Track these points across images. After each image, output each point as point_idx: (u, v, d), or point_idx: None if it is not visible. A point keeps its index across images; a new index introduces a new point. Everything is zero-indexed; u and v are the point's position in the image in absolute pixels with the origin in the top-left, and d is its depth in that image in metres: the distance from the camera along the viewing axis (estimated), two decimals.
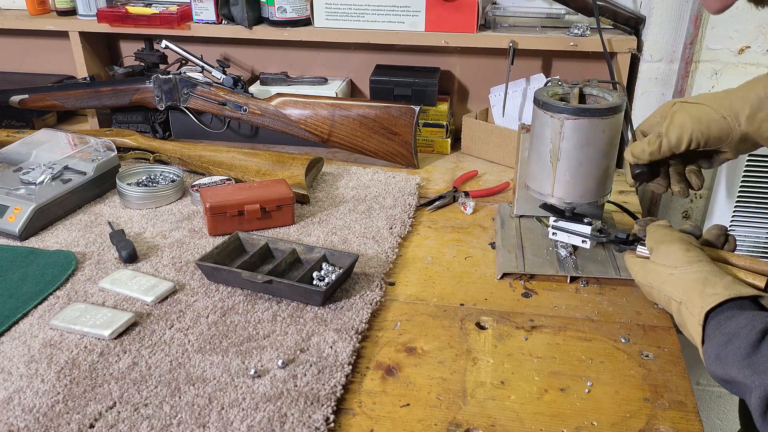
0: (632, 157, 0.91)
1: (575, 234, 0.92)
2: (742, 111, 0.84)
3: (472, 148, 1.39)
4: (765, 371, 0.60)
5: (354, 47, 1.45)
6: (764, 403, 0.59)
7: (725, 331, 0.66)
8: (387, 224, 1.07)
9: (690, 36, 1.21)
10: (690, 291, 0.73)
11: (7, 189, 1.06)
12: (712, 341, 0.67)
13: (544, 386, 0.74)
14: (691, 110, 0.87)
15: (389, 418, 0.69)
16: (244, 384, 0.72)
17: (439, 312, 0.87)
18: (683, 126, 0.86)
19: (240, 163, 1.23)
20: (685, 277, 0.75)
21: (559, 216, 0.95)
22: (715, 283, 0.71)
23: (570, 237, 0.93)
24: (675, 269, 0.76)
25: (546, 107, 0.89)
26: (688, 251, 0.77)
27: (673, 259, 0.77)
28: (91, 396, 0.71)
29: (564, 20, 1.36)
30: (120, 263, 0.96)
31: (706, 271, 0.74)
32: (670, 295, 0.76)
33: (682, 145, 0.87)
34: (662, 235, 0.82)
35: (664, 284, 0.77)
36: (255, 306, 0.86)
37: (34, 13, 1.50)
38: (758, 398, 0.60)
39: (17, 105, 1.37)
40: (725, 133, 0.85)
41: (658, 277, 0.78)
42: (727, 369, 0.64)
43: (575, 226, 0.92)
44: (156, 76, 1.33)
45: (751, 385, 0.61)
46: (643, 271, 0.82)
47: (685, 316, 0.73)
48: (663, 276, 0.78)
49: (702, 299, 0.70)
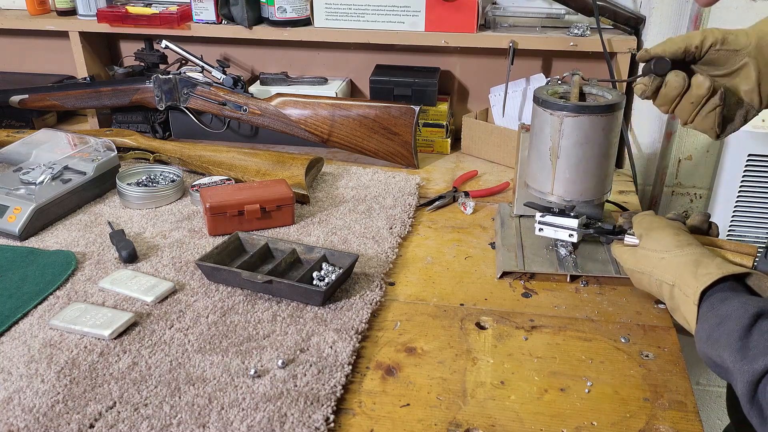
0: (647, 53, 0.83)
1: (562, 228, 0.92)
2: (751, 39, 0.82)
3: (472, 148, 1.39)
4: (754, 357, 0.60)
5: (354, 47, 1.45)
6: (752, 389, 0.60)
7: (718, 313, 0.67)
8: (387, 224, 1.07)
9: None
10: (683, 273, 0.74)
11: (7, 189, 1.06)
12: (704, 322, 0.69)
13: (544, 386, 0.74)
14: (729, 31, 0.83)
15: (389, 418, 0.69)
16: (244, 384, 0.72)
17: (439, 312, 0.87)
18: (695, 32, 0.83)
19: (240, 163, 1.23)
20: (677, 260, 0.76)
21: (545, 212, 0.94)
22: (708, 263, 0.73)
23: (557, 231, 0.93)
24: (666, 253, 0.78)
25: (546, 105, 0.89)
26: (677, 235, 0.79)
27: (664, 244, 0.79)
28: (91, 396, 0.71)
29: (564, 20, 1.36)
30: (120, 263, 0.96)
31: (697, 253, 0.76)
32: (662, 278, 0.77)
33: (696, 38, 0.81)
34: (650, 222, 0.83)
35: (656, 269, 0.78)
36: (255, 306, 0.86)
37: (34, 13, 1.50)
38: (746, 383, 0.60)
39: (17, 105, 1.37)
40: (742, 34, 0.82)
41: (650, 262, 0.79)
42: (718, 351, 0.65)
43: (561, 220, 0.92)
44: (156, 76, 1.33)
45: (739, 371, 0.61)
46: (633, 258, 0.83)
47: (678, 298, 0.74)
48: (654, 261, 0.79)
49: (696, 280, 0.72)
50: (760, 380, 0.60)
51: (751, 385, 0.60)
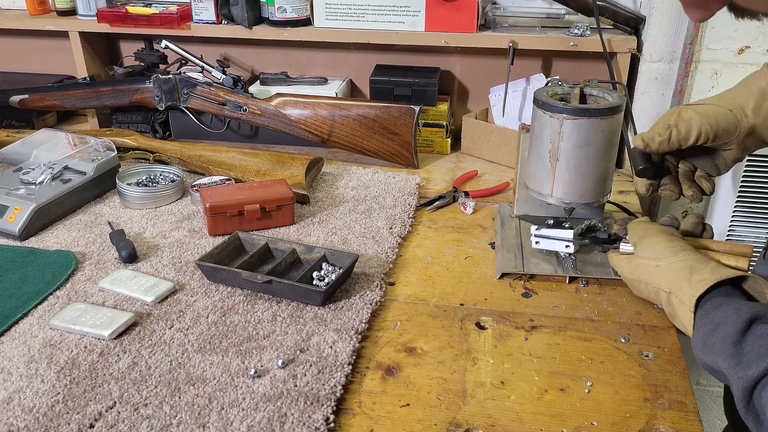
0: (642, 142, 0.88)
1: (558, 240, 0.93)
2: (747, 104, 0.85)
3: (472, 148, 1.39)
4: (748, 363, 0.61)
5: (354, 47, 1.45)
6: (747, 394, 0.60)
7: (712, 319, 0.67)
8: (387, 224, 1.07)
9: (690, 36, 1.21)
10: (678, 280, 0.75)
11: (7, 189, 1.06)
12: (699, 329, 0.69)
13: (544, 386, 0.74)
14: (697, 108, 0.87)
15: (389, 418, 0.69)
16: (244, 384, 0.72)
17: (439, 312, 0.87)
18: (691, 119, 0.86)
19: (240, 163, 1.23)
20: (672, 267, 0.77)
21: (539, 224, 0.95)
22: (702, 269, 0.73)
23: (554, 243, 0.93)
24: (661, 261, 0.78)
25: (545, 107, 0.89)
26: (671, 242, 0.79)
27: (658, 251, 0.79)
28: (91, 396, 0.71)
29: (564, 20, 1.36)
30: (120, 263, 0.96)
31: (691, 259, 0.76)
32: (658, 286, 0.78)
33: (691, 136, 0.85)
34: (644, 230, 0.84)
35: (652, 276, 0.79)
36: (255, 306, 0.86)
37: (34, 13, 1.50)
38: (741, 389, 0.61)
39: (17, 105, 1.37)
40: (733, 125, 0.85)
41: (645, 270, 0.80)
42: (713, 357, 0.65)
43: (557, 232, 0.93)
44: (156, 76, 1.33)
45: (734, 377, 0.62)
46: (629, 267, 0.83)
47: (675, 305, 0.75)
48: (650, 269, 0.79)
49: (691, 286, 0.72)
50: (755, 386, 0.60)
51: (746, 391, 0.60)
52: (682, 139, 0.86)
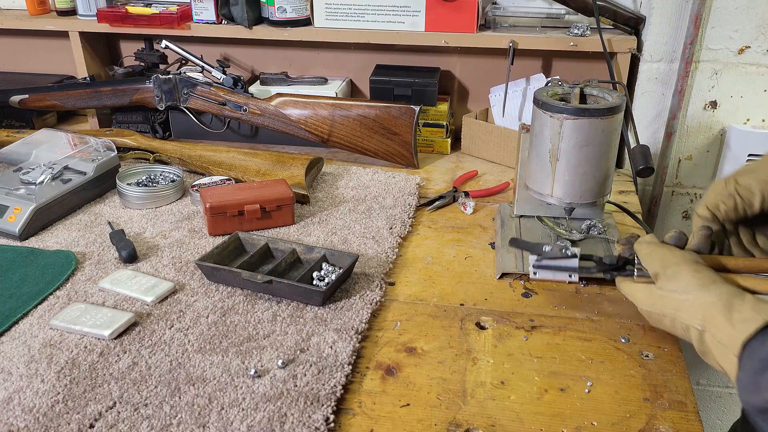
0: (706, 210, 0.79)
1: (561, 269, 0.86)
2: None
3: (472, 148, 1.39)
4: None
5: (354, 47, 1.45)
6: None
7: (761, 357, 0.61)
8: (387, 224, 1.07)
9: (690, 36, 1.21)
10: (714, 317, 0.67)
11: (7, 189, 1.06)
12: (746, 370, 0.62)
13: (544, 386, 0.74)
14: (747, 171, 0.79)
15: (389, 418, 0.69)
16: (244, 384, 0.72)
17: (439, 312, 0.87)
18: (751, 185, 0.77)
19: (240, 163, 1.23)
20: (701, 301, 0.69)
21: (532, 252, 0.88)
22: (740, 306, 0.65)
23: (555, 275, 0.90)
24: (689, 294, 0.70)
25: (545, 107, 0.89)
26: (697, 272, 0.71)
27: (684, 284, 0.71)
28: (91, 396, 0.71)
29: (564, 20, 1.36)
30: (120, 263, 0.96)
31: (725, 293, 0.68)
32: (688, 322, 0.69)
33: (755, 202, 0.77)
34: (663, 257, 0.75)
35: (679, 311, 0.71)
36: (255, 306, 0.86)
37: (34, 13, 1.50)
38: None
39: (17, 105, 1.37)
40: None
41: (671, 304, 0.72)
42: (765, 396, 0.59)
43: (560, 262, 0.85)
44: (156, 76, 1.33)
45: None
46: (650, 299, 0.75)
47: (710, 344, 0.67)
48: (676, 303, 0.71)
49: (732, 327, 0.64)
50: None
51: None
52: (747, 206, 0.78)
